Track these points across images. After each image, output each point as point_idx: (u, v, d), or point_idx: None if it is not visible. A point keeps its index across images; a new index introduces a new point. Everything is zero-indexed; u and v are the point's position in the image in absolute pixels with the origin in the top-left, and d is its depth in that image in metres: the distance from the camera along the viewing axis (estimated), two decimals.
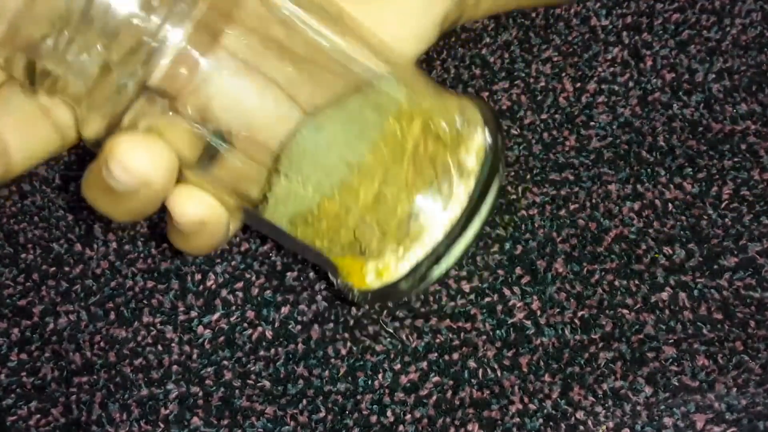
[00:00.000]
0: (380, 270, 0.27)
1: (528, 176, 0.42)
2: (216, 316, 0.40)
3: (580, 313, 0.38)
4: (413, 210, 0.25)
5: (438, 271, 0.26)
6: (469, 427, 0.36)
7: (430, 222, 0.25)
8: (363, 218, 0.26)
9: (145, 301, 0.40)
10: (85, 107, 0.24)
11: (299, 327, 0.39)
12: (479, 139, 0.26)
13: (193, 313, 0.40)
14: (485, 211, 0.26)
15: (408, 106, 0.26)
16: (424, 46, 0.29)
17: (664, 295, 0.38)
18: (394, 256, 0.26)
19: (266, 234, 0.29)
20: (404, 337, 0.38)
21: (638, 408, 0.36)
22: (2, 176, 0.25)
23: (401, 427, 0.37)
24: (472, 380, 0.37)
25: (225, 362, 0.39)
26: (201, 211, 0.25)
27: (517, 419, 0.36)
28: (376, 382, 0.38)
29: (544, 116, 0.43)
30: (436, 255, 0.26)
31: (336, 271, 0.28)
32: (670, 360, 0.37)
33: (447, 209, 0.26)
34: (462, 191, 0.26)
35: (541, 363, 0.37)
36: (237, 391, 0.38)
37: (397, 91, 0.26)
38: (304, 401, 0.38)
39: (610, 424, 0.36)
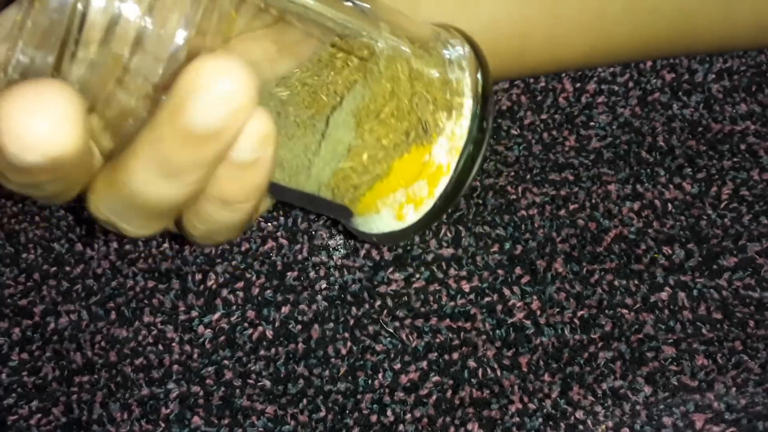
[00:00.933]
0: (432, 175, 0.27)
1: (528, 176, 0.42)
2: (216, 315, 0.40)
3: (579, 313, 0.38)
4: (447, 78, 0.27)
5: (469, 180, 0.27)
6: (469, 426, 0.36)
7: (464, 87, 0.27)
8: (413, 89, 0.27)
9: (145, 301, 0.40)
10: (97, 118, 0.24)
11: (299, 327, 0.39)
12: (469, 65, 0.28)
13: (194, 313, 0.40)
14: (488, 130, 0.28)
15: (394, 50, 0.27)
16: None
17: (664, 295, 0.38)
18: (450, 123, 0.27)
19: (294, 200, 0.29)
20: (404, 337, 0.38)
21: (637, 407, 0.36)
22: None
23: (401, 427, 0.37)
24: (472, 380, 0.37)
25: (225, 362, 0.39)
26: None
27: (517, 419, 0.36)
28: (376, 382, 0.38)
29: (543, 116, 0.43)
30: (461, 166, 0.27)
31: (352, 214, 0.29)
32: (670, 360, 0.37)
33: (465, 72, 0.28)
34: (467, 110, 0.28)
35: (541, 362, 0.37)
36: (237, 390, 0.38)
37: (382, 40, 0.27)
38: (305, 401, 0.38)
39: (610, 424, 0.36)
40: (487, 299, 0.39)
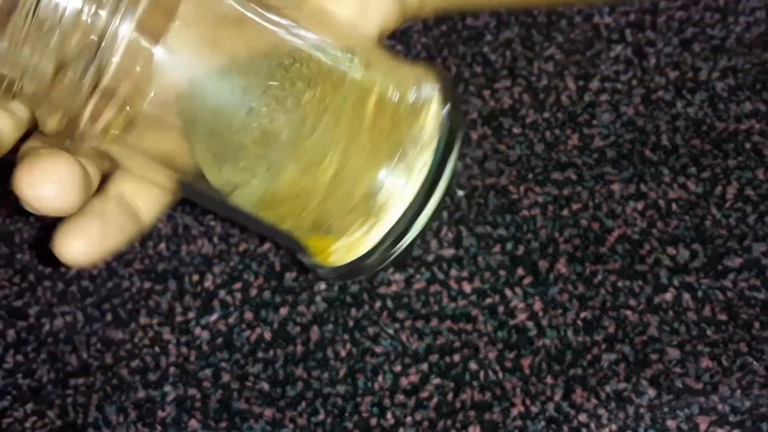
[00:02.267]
0: (349, 245, 0.27)
1: (530, 175, 0.41)
2: (214, 317, 0.40)
3: (582, 315, 0.38)
4: (376, 186, 0.27)
5: (404, 243, 0.27)
6: (471, 429, 0.36)
7: (394, 196, 0.27)
8: (325, 197, 0.27)
9: (142, 302, 0.40)
10: (43, 108, 0.25)
11: (298, 328, 0.39)
12: (435, 108, 0.27)
13: (191, 315, 0.40)
14: (445, 180, 0.28)
15: (363, 82, 0.26)
16: (385, 25, 0.29)
17: (668, 296, 0.38)
18: (361, 230, 0.27)
19: (237, 220, 0.29)
20: (404, 339, 0.38)
21: (641, 410, 0.36)
22: None
23: (401, 430, 0.37)
24: (474, 382, 0.37)
25: (223, 364, 0.38)
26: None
27: (519, 422, 0.36)
28: (376, 384, 0.37)
29: (546, 115, 0.43)
30: (401, 227, 0.27)
31: (304, 250, 0.28)
32: (674, 362, 0.37)
33: (408, 182, 0.27)
34: (421, 163, 0.27)
35: (544, 365, 0.37)
36: (235, 393, 0.38)
37: (354, 69, 0.26)
38: (303, 403, 0.37)
39: (613, 427, 0.35)
40: (488, 300, 0.39)
